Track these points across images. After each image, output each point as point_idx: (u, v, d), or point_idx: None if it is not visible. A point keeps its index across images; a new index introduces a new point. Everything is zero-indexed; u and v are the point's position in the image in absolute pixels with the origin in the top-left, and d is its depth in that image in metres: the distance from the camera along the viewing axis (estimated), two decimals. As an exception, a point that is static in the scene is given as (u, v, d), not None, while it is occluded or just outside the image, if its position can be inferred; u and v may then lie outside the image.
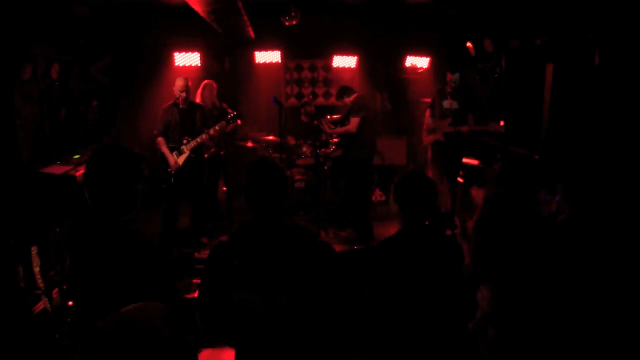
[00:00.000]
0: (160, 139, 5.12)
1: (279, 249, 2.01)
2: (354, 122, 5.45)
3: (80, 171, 4.91)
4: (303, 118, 6.24)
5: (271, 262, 1.99)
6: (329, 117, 6.45)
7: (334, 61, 7.58)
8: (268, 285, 1.97)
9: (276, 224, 2.07)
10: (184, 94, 5.05)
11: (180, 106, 5.09)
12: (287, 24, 6.39)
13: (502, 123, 5.21)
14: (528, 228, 2.73)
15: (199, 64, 7.08)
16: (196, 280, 3.93)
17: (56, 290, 3.58)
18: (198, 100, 5.58)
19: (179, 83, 5.08)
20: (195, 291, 3.91)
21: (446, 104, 5.66)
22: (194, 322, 1.98)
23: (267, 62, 7.44)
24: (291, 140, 6.91)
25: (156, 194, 5.21)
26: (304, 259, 2.02)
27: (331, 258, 2.13)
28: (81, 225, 2.03)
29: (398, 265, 2.28)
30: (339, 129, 5.77)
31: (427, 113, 5.98)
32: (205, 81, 5.74)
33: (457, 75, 5.56)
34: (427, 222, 2.37)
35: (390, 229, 2.50)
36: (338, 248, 5.29)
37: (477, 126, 5.32)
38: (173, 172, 5.08)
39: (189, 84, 5.17)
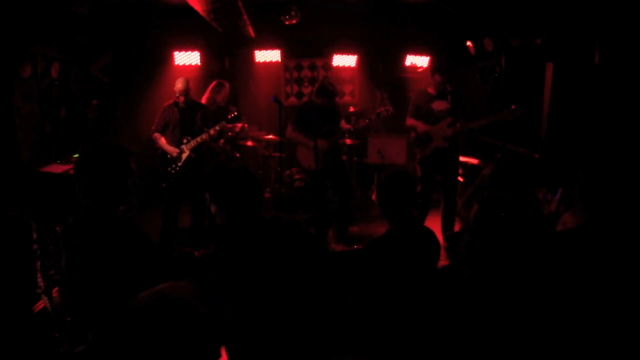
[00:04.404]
0: (157, 134, 5.12)
1: (265, 250, 2.05)
2: None
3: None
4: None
5: (262, 264, 2.03)
6: None
7: (334, 60, 7.57)
8: (263, 287, 1.99)
9: (256, 222, 2.14)
10: (182, 98, 5.06)
11: (181, 105, 5.10)
12: (287, 22, 6.39)
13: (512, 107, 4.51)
14: (527, 226, 2.71)
15: (199, 63, 7.09)
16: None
17: (56, 289, 3.58)
18: (204, 100, 5.61)
19: (178, 86, 5.08)
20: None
21: (437, 105, 4.95)
22: None
23: (267, 61, 7.43)
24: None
25: (156, 193, 5.20)
26: (292, 254, 2.07)
27: (316, 249, 2.17)
28: (77, 223, 2.07)
29: (388, 265, 2.27)
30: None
31: (413, 122, 5.10)
32: (220, 81, 5.82)
33: (445, 75, 4.88)
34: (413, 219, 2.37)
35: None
36: (338, 248, 5.29)
37: (492, 117, 4.63)
38: (173, 170, 5.07)
39: (190, 85, 5.17)
